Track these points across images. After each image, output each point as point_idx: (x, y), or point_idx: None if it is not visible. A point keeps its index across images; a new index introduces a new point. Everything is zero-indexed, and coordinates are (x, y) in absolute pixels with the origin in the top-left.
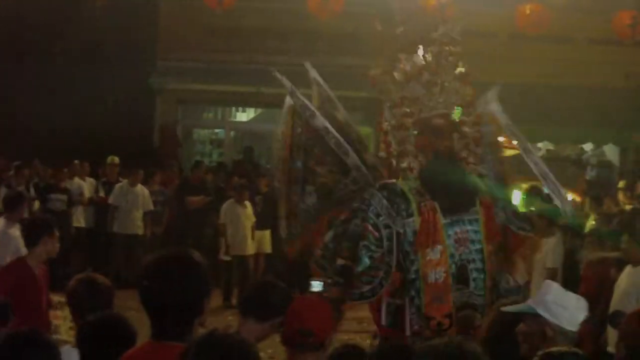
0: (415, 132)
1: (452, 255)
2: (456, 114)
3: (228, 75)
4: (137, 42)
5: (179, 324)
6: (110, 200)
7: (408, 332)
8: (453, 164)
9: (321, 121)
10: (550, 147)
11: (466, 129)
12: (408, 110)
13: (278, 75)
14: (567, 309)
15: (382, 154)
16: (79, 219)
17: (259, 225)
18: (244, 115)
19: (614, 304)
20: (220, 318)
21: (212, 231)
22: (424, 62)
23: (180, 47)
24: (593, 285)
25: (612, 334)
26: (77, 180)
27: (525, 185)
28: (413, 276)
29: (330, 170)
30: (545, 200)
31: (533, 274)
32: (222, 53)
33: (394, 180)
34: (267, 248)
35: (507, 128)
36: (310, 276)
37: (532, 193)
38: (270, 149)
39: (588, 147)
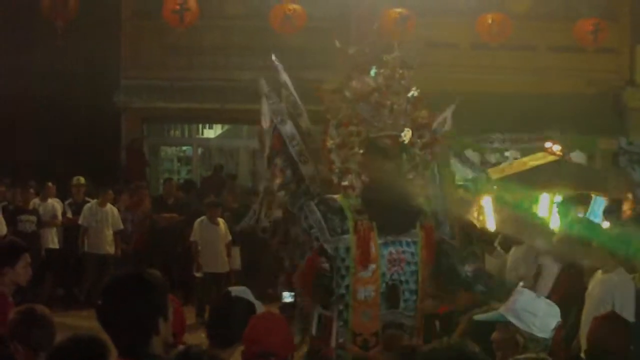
0: (361, 152)
1: (383, 275)
2: (406, 135)
3: (192, 92)
4: (101, 61)
5: (134, 342)
6: (80, 220)
7: (333, 344)
8: (397, 184)
9: (290, 128)
10: (517, 155)
11: (416, 150)
12: (355, 129)
13: (259, 80)
14: (537, 316)
15: (325, 171)
16: (53, 240)
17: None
18: (211, 132)
19: (588, 311)
20: (194, 335)
21: (185, 248)
22: (374, 84)
23: (143, 65)
24: (565, 292)
25: (584, 340)
26: (50, 201)
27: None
28: (343, 291)
29: (286, 184)
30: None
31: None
32: (186, 70)
33: (335, 197)
34: (237, 264)
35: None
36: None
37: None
38: (238, 164)
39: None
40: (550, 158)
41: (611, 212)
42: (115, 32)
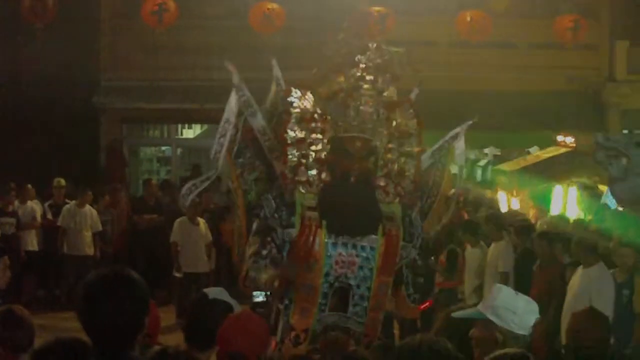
0: (326, 150)
1: (327, 274)
2: (381, 141)
3: (172, 92)
4: (80, 62)
5: (120, 343)
6: (59, 222)
7: (278, 338)
8: (361, 187)
9: (260, 121)
10: (497, 152)
11: (393, 158)
12: (318, 126)
13: (229, 67)
14: (516, 313)
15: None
16: (32, 242)
17: None
18: (190, 132)
19: (568, 306)
20: (174, 336)
21: (163, 248)
22: (345, 84)
23: (122, 66)
24: (544, 287)
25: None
26: (30, 203)
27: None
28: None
29: (258, 178)
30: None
31: (485, 279)
32: (165, 71)
33: (295, 192)
34: (212, 264)
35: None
36: None
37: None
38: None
39: (534, 150)
40: (563, 150)
41: None
42: (94, 33)
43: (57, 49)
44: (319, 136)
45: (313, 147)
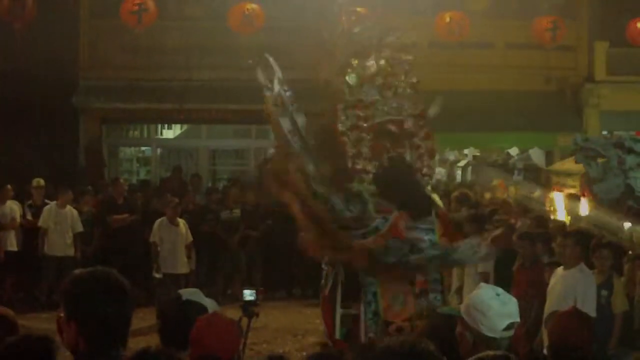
0: (369, 137)
1: None
2: (409, 123)
3: (151, 92)
4: (59, 61)
5: (109, 343)
6: (40, 222)
7: (363, 340)
8: (407, 171)
9: (303, 118)
10: (476, 153)
11: (417, 140)
12: (362, 114)
13: (269, 59)
14: (485, 316)
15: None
16: (12, 242)
17: None
18: (170, 132)
19: (550, 307)
20: (154, 336)
21: (142, 249)
22: (376, 67)
23: (102, 65)
24: (525, 288)
25: (547, 336)
26: (9, 203)
27: None
28: (369, 279)
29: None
30: None
31: (465, 279)
32: (145, 71)
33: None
34: (192, 265)
35: None
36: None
37: None
38: (197, 164)
39: (514, 151)
40: None
41: None
42: (73, 32)
43: (36, 48)
44: (364, 124)
45: (362, 135)
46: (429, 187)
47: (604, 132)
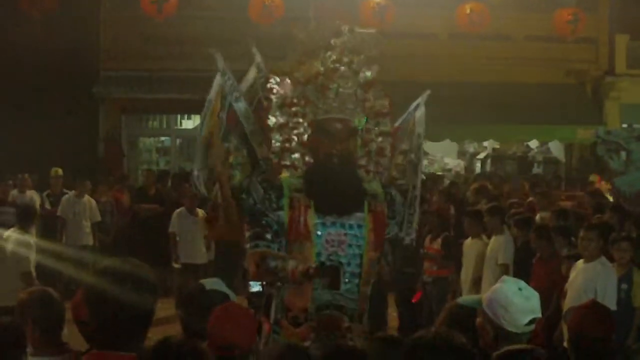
0: (308, 133)
1: (318, 254)
2: (360, 122)
3: (171, 83)
4: (79, 52)
5: (131, 333)
6: (59, 212)
7: (272, 320)
8: (344, 167)
9: (244, 106)
10: (496, 145)
11: (371, 137)
12: (300, 110)
13: (215, 54)
14: (508, 311)
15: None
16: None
17: None
18: (189, 123)
19: (570, 301)
20: (173, 326)
21: (165, 239)
22: (322, 68)
23: (122, 56)
24: (544, 281)
25: (567, 330)
26: (29, 193)
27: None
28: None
29: (242, 163)
30: None
31: (484, 271)
32: (165, 61)
33: (280, 176)
34: (211, 255)
35: (417, 136)
36: None
37: None
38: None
39: (534, 144)
40: None
41: None
42: (93, 22)
43: (57, 38)
44: (300, 120)
45: (295, 131)
46: (377, 183)
47: (624, 125)
